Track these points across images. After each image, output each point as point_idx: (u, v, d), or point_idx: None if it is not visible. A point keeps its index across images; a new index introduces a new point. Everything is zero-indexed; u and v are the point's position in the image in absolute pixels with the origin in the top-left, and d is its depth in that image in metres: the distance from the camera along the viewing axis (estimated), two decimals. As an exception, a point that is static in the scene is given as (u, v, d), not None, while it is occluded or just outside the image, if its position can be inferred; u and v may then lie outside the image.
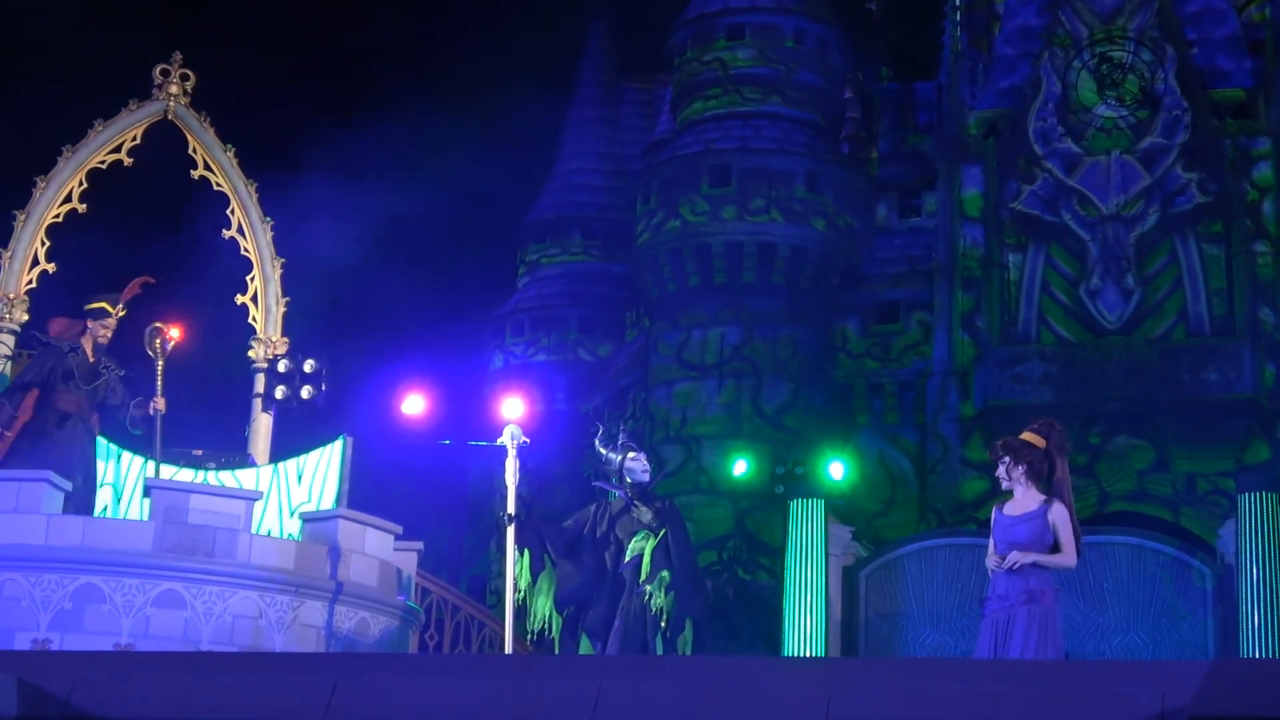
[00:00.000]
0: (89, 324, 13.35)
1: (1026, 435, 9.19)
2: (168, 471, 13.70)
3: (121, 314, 13.44)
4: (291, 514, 14.15)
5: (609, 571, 10.50)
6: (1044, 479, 9.14)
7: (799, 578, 19.11)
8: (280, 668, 7.74)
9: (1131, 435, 28.44)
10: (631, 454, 10.73)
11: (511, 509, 10.52)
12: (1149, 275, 29.22)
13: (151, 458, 13.47)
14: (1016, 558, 8.85)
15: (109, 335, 13.34)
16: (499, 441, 10.83)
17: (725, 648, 18.80)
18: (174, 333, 13.32)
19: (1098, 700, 6.41)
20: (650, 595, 10.25)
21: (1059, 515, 9.03)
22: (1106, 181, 29.36)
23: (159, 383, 13.21)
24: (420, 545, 15.27)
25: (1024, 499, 9.09)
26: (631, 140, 39.33)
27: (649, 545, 10.42)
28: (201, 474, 14.12)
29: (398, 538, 14.05)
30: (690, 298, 30.90)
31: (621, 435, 11.00)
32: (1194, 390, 27.89)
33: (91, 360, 13.29)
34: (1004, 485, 9.13)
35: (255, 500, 13.08)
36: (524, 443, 10.81)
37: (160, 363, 13.20)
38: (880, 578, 19.71)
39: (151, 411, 13.11)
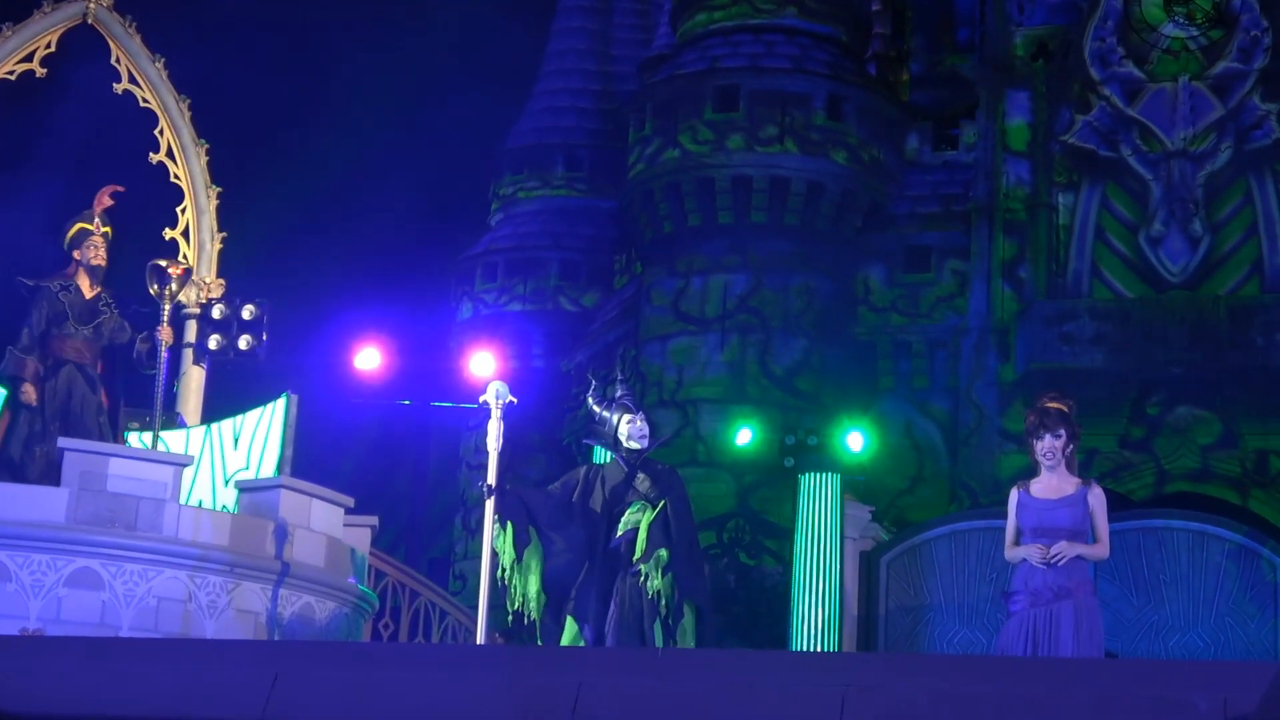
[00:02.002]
0: (74, 254, 13.52)
1: (1064, 406, 9.24)
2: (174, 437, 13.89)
3: (106, 230, 13.62)
4: (226, 483, 14.17)
5: (600, 546, 10.51)
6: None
7: (810, 564, 19.16)
8: (212, 658, 7.77)
9: (1195, 406, 28.50)
10: (628, 416, 10.74)
11: (492, 479, 10.52)
12: (1219, 221, 29.22)
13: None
14: (1064, 549, 8.91)
15: (101, 256, 13.56)
16: (481, 400, 10.83)
17: (724, 643, 18.87)
18: (179, 270, 13.55)
19: (1149, 705, 6.46)
20: (645, 576, 10.26)
21: (1099, 500, 9.11)
22: (1173, 112, 29.33)
23: (164, 314, 13.45)
24: (375, 521, 15.31)
25: (1059, 481, 9.15)
26: (624, 56, 39.22)
27: (645, 519, 10.42)
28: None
29: (349, 511, 14.09)
30: (689, 240, 30.88)
31: (620, 389, 11.01)
32: (1268, 355, 27.96)
33: (90, 295, 13.45)
34: (1048, 464, 9.16)
35: (184, 466, 13.11)
36: (510, 403, 10.82)
37: (167, 306, 13.50)
38: (904, 565, 19.76)
39: (159, 342, 13.36)
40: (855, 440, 20.08)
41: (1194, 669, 7.44)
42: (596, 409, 10.97)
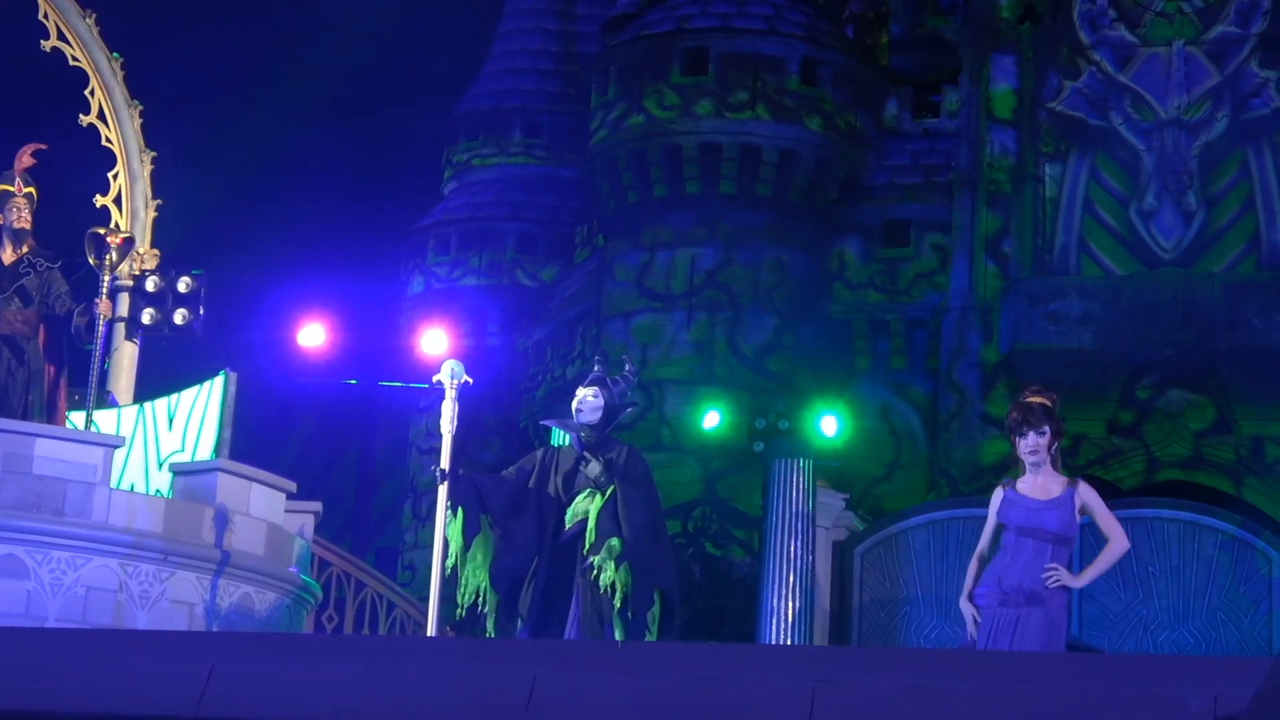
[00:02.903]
0: None
1: (1042, 398, 9.26)
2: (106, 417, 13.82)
3: (29, 190, 13.52)
4: (160, 466, 14.13)
5: (550, 538, 10.47)
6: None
7: (780, 555, 19.19)
8: (144, 650, 7.75)
9: (1188, 390, 28.62)
10: (583, 390, 10.71)
11: (446, 463, 10.49)
12: (1215, 195, 29.33)
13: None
14: (1065, 579, 8.93)
15: (25, 219, 13.44)
16: (435, 380, 10.81)
17: (689, 638, 18.88)
18: (119, 239, 13.48)
19: (1136, 702, 6.49)
20: (598, 570, 10.22)
21: (1090, 497, 9.16)
22: (1166, 78, 29.41)
23: (104, 286, 13.38)
24: (318, 507, 15.29)
25: (1045, 480, 9.18)
26: (587, 15, 39.16)
27: (594, 506, 10.39)
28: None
29: (290, 497, 14.05)
30: (655, 211, 30.87)
31: (626, 368, 10.97)
32: (1265, 336, 28.07)
33: (10, 261, 13.34)
34: (1032, 463, 9.18)
35: (116, 448, 13.05)
36: (466, 383, 10.80)
37: (106, 277, 13.44)
38: (879, 556, 19.81)
39: (97, 315, 13.28)
40: (829, 424, 20.10)
41: (1183, 664, 7.49)
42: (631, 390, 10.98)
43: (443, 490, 10.43)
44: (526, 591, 10.37)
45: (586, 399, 10.62)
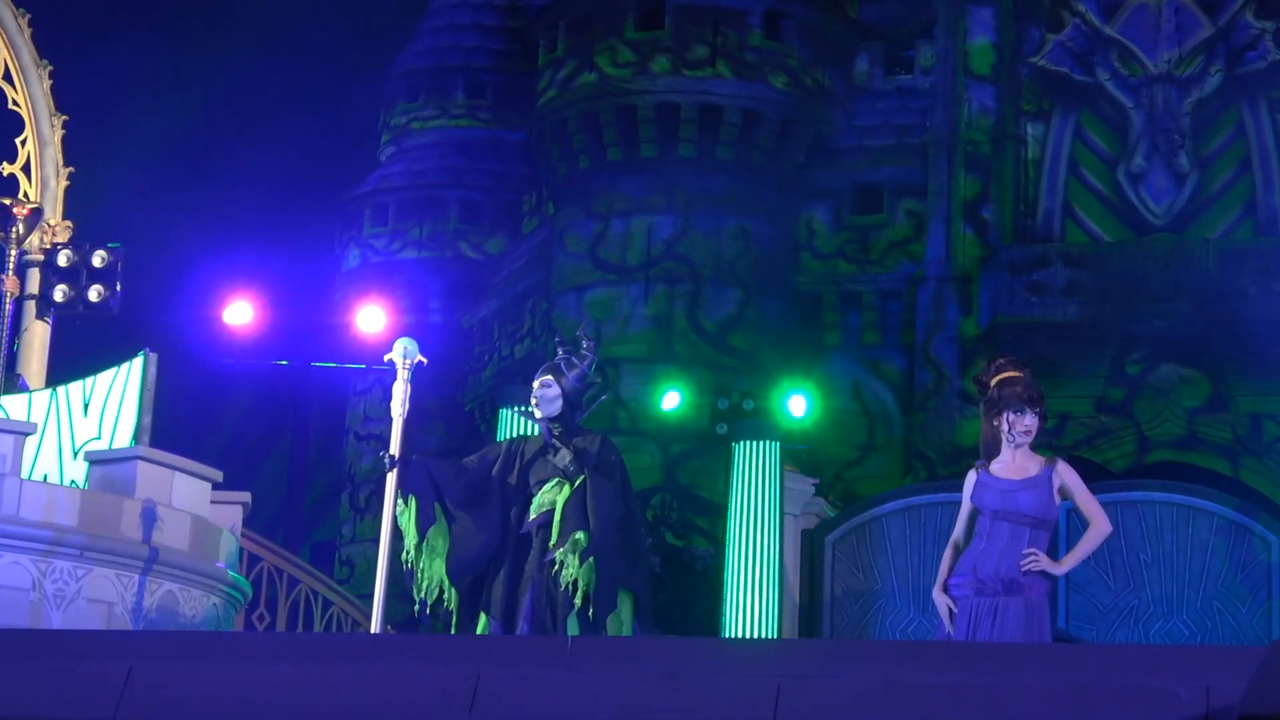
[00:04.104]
0: None
1: (1014, 372, 9.28)
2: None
3: None
4: (75, 454, 14.10)
5: (513, 531, 10.48)
6: None
7: (746, 545, 19.25)
8: (58, 652, 7.73)
9: (1181, 364, 28.75)
10: (535, 382, 10.71)
11: (396, 449, 10.49)
12: (1208, 155, 29.44)
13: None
14: (1044, 565, 8.96)
15: None
16: (387, 359, 10.80)
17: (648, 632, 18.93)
18: (26, 210, 13.43)
19: (1124, 695, 6.52)
20: (560, 565, 10.22)
21: (1069, 476, 9.17)
22: (1156, 30, 29.50)
23: (10, 261, 13.33)
24: (247, 497, 15.28)
25: (1022, 459, 9.20)
26: (533, -34, 39.08)
27: (561, 497, 10.39)
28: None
29: (217, 487, 14.04)
30: (608, 177, 30.86)
31: (585, 349, 10.94)
32: (1263, 306, 28.19)
33: None
34: (1015, 444, 9.21)
35: (27, 435, 13.01)
36: (420, 363, 10.79)
37: (13, 251, 13.37)
38: (852, 545, 19.90)
39: (4, 292, 13.23)
40: (797, 404, 20.17)
41: (1174, 654, 7.53)
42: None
43: (391, 478, 10.42)
44: (494, 587, 10.36)
45: (541, 392, 10.62)
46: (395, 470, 10.41)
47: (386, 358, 10.76)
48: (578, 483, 10.36)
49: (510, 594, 10.36)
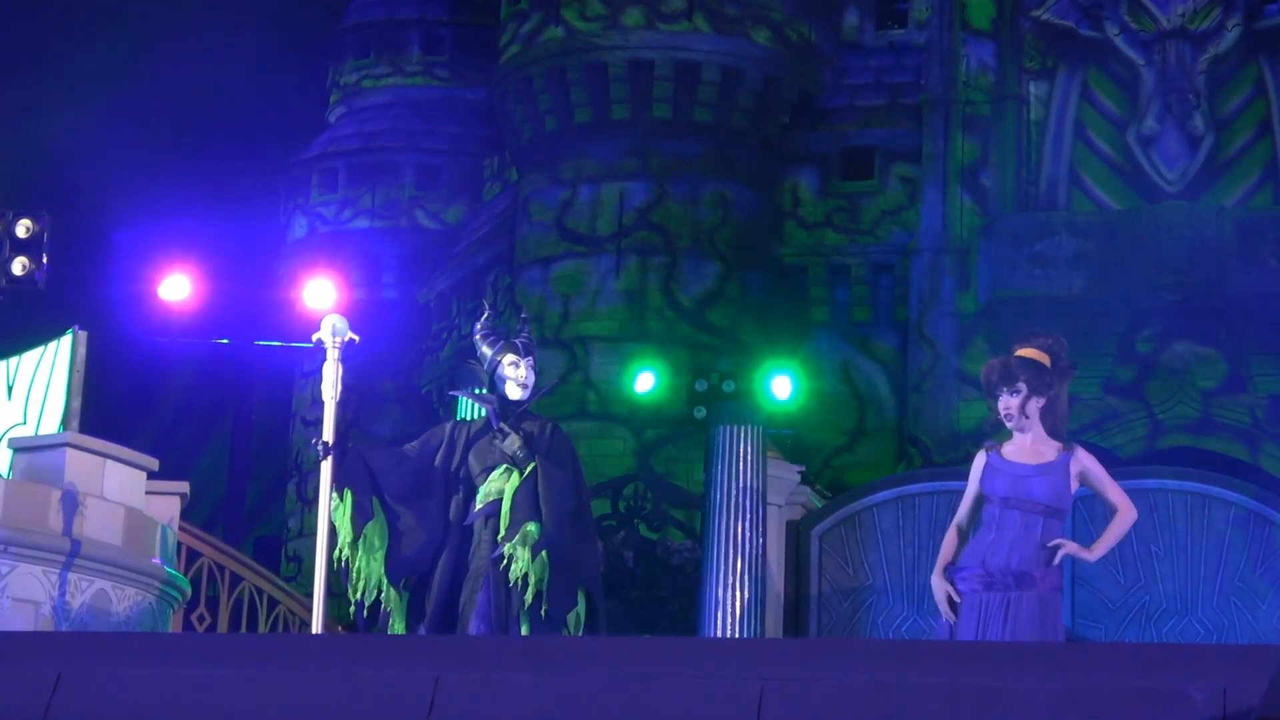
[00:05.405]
0: None
1: (1029, 352, 9.31)
2: None
3: None
4: (-2, 440, 14.10)
5: (456, 524, 10.48)
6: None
7: (726, 538, 19.27)
8: (-20, 654, 7.74)
9: (1195, 342, 28.83)
10: (513, 357, 10.70)
11: (330, 435, 10.48)
12: (1225, 116, 29.52)
13: None
14: (1074, 550, 8.99)
15: None
16: (315, 338, 10.79)
17: (620, 633, 18.98)
18: None
19: (1133, 698, 6.55)
20: (509, 559, 10.23)
21: (1090, 463, 9.22)
22: (1168, -19, 29.58)
23: None
24: (185, 488, 15.28)
25: (1034, 443, 9.24)
26: (495, -89, 39.05)
27: (510, 486, 10.40)
28: None
29: (152, 476, 14.03)
30: (577, 139, 30.86)
31: (523, 330, 10.96)
32: (1283, 279, 28.33)
33: None
34: (1012, 426, 9.25)
35: (-55, 420, 13.01)
36: (350, 341, 10.78)
37: None
38: (840, 537, 19.93)
39: None
40: (781, 386, 20.17)
41: (1187, 654, 7.56)
42: (481, 345, 10.91)
43: (326, 467, 10.39)
44: (433, 586, 10.35)
45: (528, 376, 10.63)
46: (330, 458, 10.37)
47: (315, 337, 10.73)
48: (527, 470, 10.37)
49: (448, 595, 10.34)
